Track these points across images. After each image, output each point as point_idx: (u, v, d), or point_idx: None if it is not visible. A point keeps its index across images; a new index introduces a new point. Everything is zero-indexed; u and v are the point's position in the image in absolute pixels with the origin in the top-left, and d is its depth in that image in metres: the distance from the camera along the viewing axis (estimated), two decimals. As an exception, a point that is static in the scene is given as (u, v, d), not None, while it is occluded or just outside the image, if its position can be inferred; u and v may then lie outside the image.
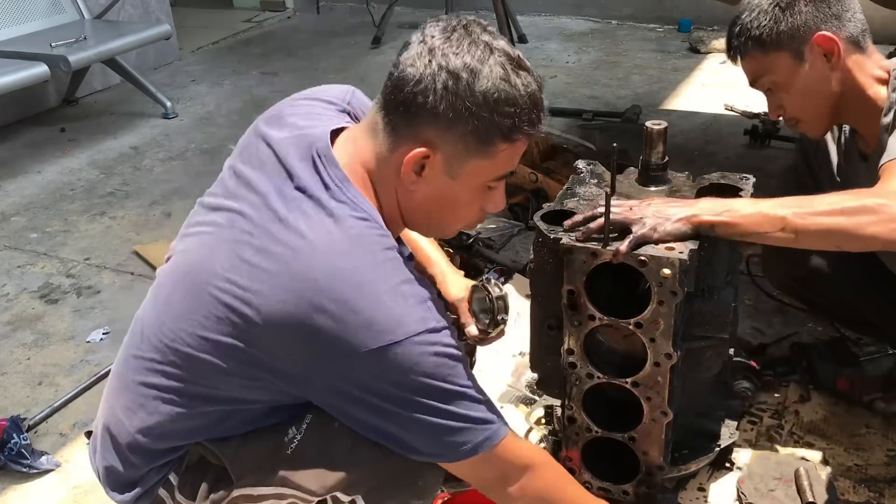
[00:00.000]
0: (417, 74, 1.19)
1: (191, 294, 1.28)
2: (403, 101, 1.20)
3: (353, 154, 1.29)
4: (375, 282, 1.19)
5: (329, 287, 1.18)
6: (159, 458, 1.38)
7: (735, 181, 1.68)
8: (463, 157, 1.23)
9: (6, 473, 2.01)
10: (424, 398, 1.21)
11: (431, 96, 1.18)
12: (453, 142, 1.21)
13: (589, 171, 1.75)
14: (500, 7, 3.06)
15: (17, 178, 3.82)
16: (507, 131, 1.22)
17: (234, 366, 1.25)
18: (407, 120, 1.22)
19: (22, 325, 2.66)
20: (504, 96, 1.19)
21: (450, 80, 1.18)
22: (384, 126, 1.25)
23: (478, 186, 1.29)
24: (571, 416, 1.63)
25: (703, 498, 1.81)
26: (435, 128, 1.21)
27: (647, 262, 1.42)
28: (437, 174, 1.25)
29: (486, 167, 1.26)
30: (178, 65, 5.43)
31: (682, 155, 3.45)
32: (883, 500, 1.79)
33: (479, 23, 1.25)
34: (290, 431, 1.33)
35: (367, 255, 1.21)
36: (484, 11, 6.02)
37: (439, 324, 1.22)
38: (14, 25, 4.25)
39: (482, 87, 1.18)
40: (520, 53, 1.25)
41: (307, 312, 1.18)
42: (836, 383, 2.04)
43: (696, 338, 1.60)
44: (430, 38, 1.21)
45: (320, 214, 1.23)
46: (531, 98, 1.22)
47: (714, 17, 5.45)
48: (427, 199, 1.29)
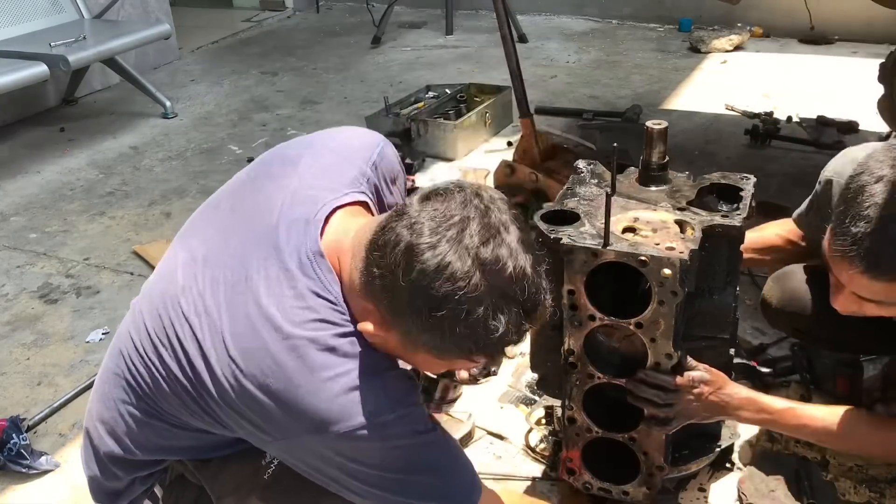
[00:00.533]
0: (386, 267, 1.07)
1: (158, 327, 1.23)
2: (374, 275, 1.09)
3: (336, 248, 1.19)
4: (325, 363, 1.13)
5: (276, 364, 1.12)
6: (139, 469, 1.36)
7: (735, 181, 1.68)
8: (418, 349, 1.14)
9: (6, 473, 2.01)
10: (373, 485, 1.19)
11: (392, 296, 1.07)
12: (407, 337, 1.12)
13: (589, 171, 1.75)
14: (500, 7, 3.05)
15: (17, 177, 3.82)
16: (462, 355, 1.12)
17: (193, 409, 1.22)
18: (372, 290, 1.11)
19: (21, 325, 2.66)
20: (464, 332, 1.06)
21: (409, 295, 1.05)
22: (361, 269, 1.13)
23: (440, 366, 1.26)
24: (571, 417, 1.63)
25: (704, 498, 1.81)
26: (392, 319, 1.10)
27: (647, 262, 1.41)
28: (394, 344, 1.15)
29: (442, 364, 1.23)
30: (177, 64, 5.43)
31: (683, 155, 3.45)
32: (883, 500, 1.78)
33: (489, 216, 1.08)
34: (268, 456, 1.30)
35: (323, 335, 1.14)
36: (484, 11, 6.04)
37: (393, 415, 1.15)
38: (13, 25, 4.25)
39: (442, 316, 1.04)
40: (522, 268, 1.07)
41: (257, 388, 1.13)
42: (837, 383, 2.03)
43: (697, 338, 1.60)
44: (418, 231, 1.06)
45: (282, 284, 1.16)
46: (500, 340, 1.07)
47: (714, 16, 5.45)
48: (385, 349, 1.18)
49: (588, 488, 1.69)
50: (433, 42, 5.68)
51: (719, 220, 1.52)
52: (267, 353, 1.13)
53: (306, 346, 1.12)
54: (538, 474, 1.89)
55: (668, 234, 1.49)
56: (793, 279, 1.94)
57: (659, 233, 1.49)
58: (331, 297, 1.15)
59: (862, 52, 4.88)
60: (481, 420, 2.05)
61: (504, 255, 1.05)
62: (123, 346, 1.31)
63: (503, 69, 3.44)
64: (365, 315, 1.14)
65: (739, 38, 5.17)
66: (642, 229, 1.50)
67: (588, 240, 1.46)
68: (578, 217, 1.54)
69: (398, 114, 3.84)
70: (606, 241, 1.44)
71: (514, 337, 1.08)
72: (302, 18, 6.55)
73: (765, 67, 4.79)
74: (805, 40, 5.17)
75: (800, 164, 3.44)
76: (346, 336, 1.15)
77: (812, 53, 5.01)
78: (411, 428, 1.18)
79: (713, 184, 1.68)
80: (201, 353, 1.17)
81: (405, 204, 1.12)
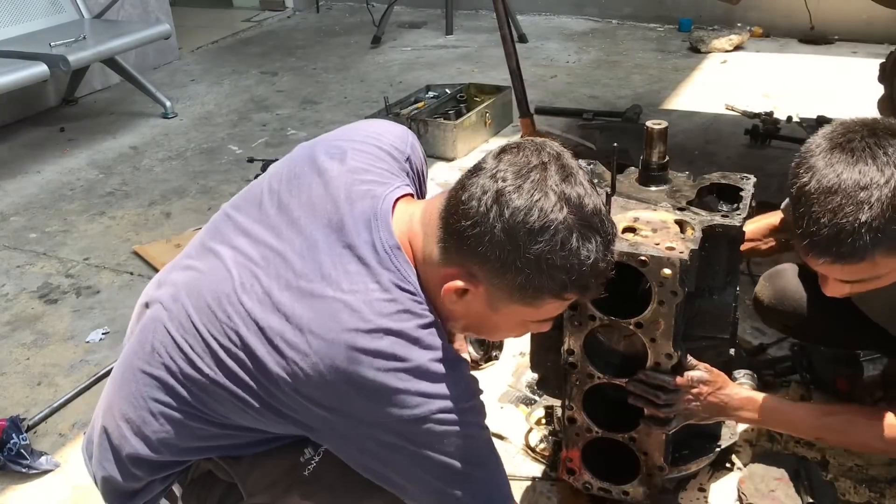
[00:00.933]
0: (477, 216, 1.12)
1: (212, 324, 1.22)
2: (459, 232, 1.14)
3: (407, 234, 1.23)
4: (411, 352, 1.15)
5: (364, 353, 1.13)
6: (162, 469, 1.34)
7: (735, 181, 1.68)
8: (506, 300, 1.17)
9: (6, 473, 2.01)
10: (434, 475, 1.20)
11: (486, 244, 1.12)
12: (498, 286, 1.15)
13: (589, 171, 1.75)
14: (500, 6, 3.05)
15: (17, 177, 3.82)
16: (556, 292, 1.15)
17: (251, 405, 1.21)
18: (459, 249, 1.15)
19: (21, 325, 2.66)
20: (560, 262, 1.11)
21: (505, 236, 1.10)
22: (438, 237, 1.18)
23: (519, 322, 1.26)
24: (571, 417, 1.63)
25: (704, 498, 1.81)
26: (483, 269, 1.15)
27: (647, 262, 1.41)
28: (479, 302, 1.19)
29: (529, 313, 1.21)
30: (177, 64, 5.43)
31: (683, 155, 3.45)
32: (883, 500, 1.78)
33: (562, 162, 1.15)
34: (307, 452, 1.30)
35: (409, 326, 1.16)
36: (484, 11, 6.04)
37: (468, 403, 1.20)
38: (13, 25, 4.25)
39: (538, 249, 1.10)
40: (600, 206, 1.15)
41: (340, 375, 1.14)
42: (837, 383, 2.03)
43: (697, 338, 1.60)
44: (501, 181, 1.12)
45: (364, 278, 1.18)
46: (592, 268, 1.13)
47: (714, 16, 5.45)
48: (466, 316, 1.24)
49: (588, 488, 1.69)
50: (433, 42, 5.68)
51: (719, 220, 1.52)
52: (354, 341, 1.14)
53: (393, 336, 1.15)
54: (538, 474, 1.89)
55: (668, 234, 1.49)
56: (784, 277, 1.95)
57: (659, 233, 1.49)
58: (411, 287, 1.19)
59: (862, 52, 4.88)
60: (481, 420, 2.05)
61: (582, 192, 1.13)
62: (159, 343, 1.27)
63: (503, 69, 3.45)
64: (446, 282, 1.18)
65: (739, 38, 5.18)
66: (642, 229, 1.50)
67: (588, 240, 1.46)
68: (578, 217, 1.54)
69: (398, 114, 3.84)
70: (606, 240, 1.43)
71: (602, 265, 1.14)
72: (302, 18, 6.55)
73: (765, 67, 4.79)
74: (805, 40, 5.17)
75: (800, 164, 3.43)
76: (428, 327, 1.18)
77: (812, 53, 5.01)
78: (482, 419, 1.24)
79: (713, 184, 1.68)
80: (272, 346, 1.17)
81: (480, 161, 1.17)
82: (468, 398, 1.20)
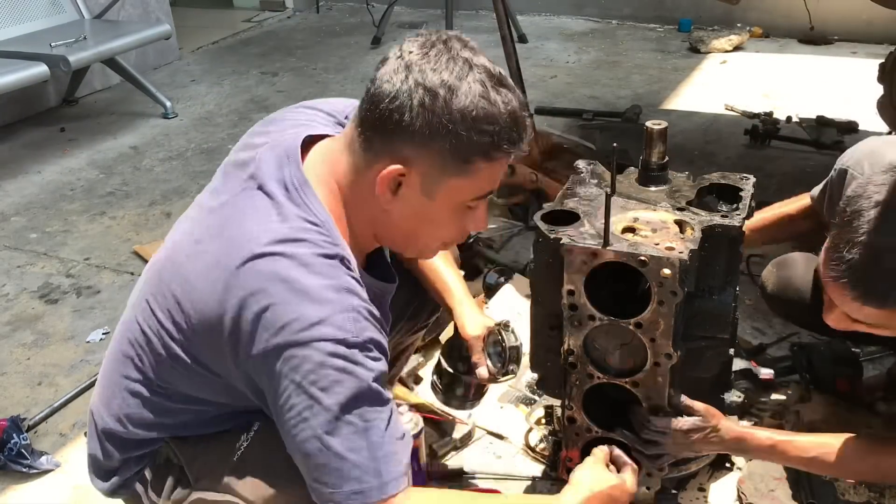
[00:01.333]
0: (393, 91, 1.17)
1: (155, 290, 1.31)
2: (379, 117, 1.18)
3: (327, 164, 1.28)
4: (299, 280, 1.16)
5: (255, 280, 1.17)
6: (131, 448, 1.40)
7: (735, 181, 1.68)
8: (440, 176, 1.21)
9: (6, 473, 2.01)
10: (305, 412, 1.15)
11: (407, 113, 1.16)
12: (430, 160, 1.19)
13: (589, 171, 1.75)
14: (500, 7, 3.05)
15: (17, 178, 3.82)
16: (486, 149, 1.19)
17: (182, 361, 1.27)
18: (383, 136, 1.19)
19: (22, 325, 2.66)
20: (482, 114, 1.17)
21: (426, 97, 1.15)
22: (360, 142, 1.23)
23: (457, 206, 1.27)
24: (571, 416, 1.63)
25: (704, 498, 1.81)
26: (411, 145, 1.18)
27: (647, 262, 1.41)
28: (414, 193, 1.23)
29: (465, 186, 1.23)
30: (177, 65, 5.43)
31: (682, 155, 3.45)
32: (883, 500, 1.78)
33: (461, 38, 1.23)
34: (242, 438, 1.33)
35: (304, 252, 1.18)
36: (484, 11, 6.03)
37: (357, 338, 1.16)
38: (14, 25, 4.25)
39: (460, 104, 1.16)
40: (501, 71, 1.23)
41: (230, 306, 1.17)
42: (837, 383, 2.03)
43: (697, 338, 1.60)
44: (408, 54, 1.19)
45: (270, 212, 1.22)
46: (511, 116, 1.19)
47: (714, 16, 5.45)
48: (403, 218, 1.26)
49: (588, 488, 1.69)
50: (433, 42, 5.67)
51: (719, 220, 1.52)
52: (249, 265, 1.18)
53: (287, 260, 1.17)
54: (538, 474, 1.90)
55: (667, 234, 1.49)
56: (791, 267, 1.95)
57: (659, 233, 1.49)
58: (317, 220, 1.22)
59: (862, 52, 4.89)
60: (481, 420, 2.05)
61: (485, 60, 1.23)
62: (128, 328, 1.37)
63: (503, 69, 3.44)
64: (381, 178, 1.21)
65: (739, 39, 5.18)
66: (642, 229, 1.51)
67: (588, 240, 1.46)
68: (578, 217, 1.54)
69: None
70: (606, 241, 1.44)
71: (522, 114, 1.21)
72: (302, 19, 6.55)
73: (764, 67, 4.79)
74: (805, 40, 5.17)
75: (799, 164, 3.44)
76: (328, 258, 1.19)
77: (812, 53, 5.01)
78: (372, 363, 1.17)
79: (713, 184, 1.68)
80: (188, 289, 1.23)
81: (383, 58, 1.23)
82: (357, 334, 1.16)
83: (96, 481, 1.48)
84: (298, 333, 1.14)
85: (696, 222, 1.52)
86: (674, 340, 1.48)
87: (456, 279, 1.71)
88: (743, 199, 1.61)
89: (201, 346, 1.25)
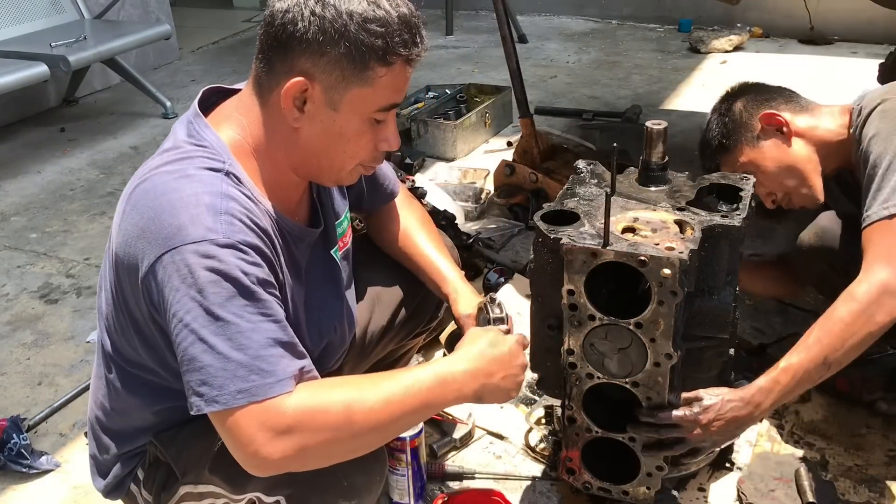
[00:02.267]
0: (285, 6, 1.22)
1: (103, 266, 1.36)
2: (275, 35, 1.23)
3: (233, 108, 1.33)
4: (177, 190, 1.20)
5: (141, 202, 1.21)
6: (118, 440, 1.43)
7: (735, 181, 1.68)
8: (341, 85, 1.24)
9: (6, 473, 2.01)
10: (186, 317, 1.14)
11: (300, 23, 1.20)
12: (329, 69, 1.23)
13: (589, 171, 1.75)
14: (499, 7, 3.05)
15: (17, 178, 3.82)
16: (381, 53, 1.23)
17: (121, 318, 1.31)
18: (281, 53, 1.24)
19: (22, 325, 2.66)
20: (372, 16, 1.21)
21: (317, 6, 1.20)
22: (262, 68, 1.28)
23: (363, 118, 1.29)
24: (571, 416, 1.63)
25: (703, 498, 1.81)
26: (308, 55, 1.22)
27: (647, 262, 1.41)
28: (319, 107, 1.26)
29: (367, 95, 1.26)
30: (177, 64, 5.44)
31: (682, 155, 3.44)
32: (883, 500, 1.79)
33: None
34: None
35: (183, 168, 1.23)
36: (484, 11, 6.04)
37: (228, 239, 1.16)
38: (14, 25, 4.25)
39: (349, 7, 1.20)
40: None
41: (126, 228, 1.23)
42: (837, 383, 2.03)
43: (697, 338, 1.60)
44: None
45: (168, 146, 1.30)
46: (401, 19, 1.24)
47: (714, 17, 5.46)
48: (312, 136, 1.29)
49: (588, 488, 1.70)
50: (433, 42, 5.64)
51: (719, 220, 1.52)
52: (139, 188, 1.25)
53: (167, 175, 1.23)
54: (538, 474, 1.90)
55: (667, 234, 1.49)
56: (826, 219, 2.07)
57: (659, 233, 1.49)
58: (205, 143, 1.27)
59: (862, 52, 4.89)
60: (481, 420, 2.05)
61: None
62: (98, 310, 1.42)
63: (503, 69, 3.44)
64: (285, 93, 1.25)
65: (739, 39, 5.18)
66: (642, 229, 1.51)
67: (588, 240, 1.46)
68: (578, 217, 1.54)
69: (398, 114, 3.84)
70: (606, 241, 1.44)
71: (412, 16, 1.26)
72: (302, 18, 6.55)
73: (764, 68, 4.79)
74: (805, 40, 5.17)
75: (800, 165, 3.44)
76: (212, 171, 1.23)
77: (812, 54, 5.01)
78: (242, 267, 1.17)
79: (713, 184, 1.68)
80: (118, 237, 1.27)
81: None
82: (228, 235, 1.17)
83: (97, 480, 1.50)
84: (171, 239, 1.16)
85: (696, 222, 1.52)
86: (674, 340, 1.48)
87: (449, 266, 1.72)
88: (743, 199, 1.61)
89: (126, 289, 1.27)
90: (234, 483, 1.32)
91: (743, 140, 1.95)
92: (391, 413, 1.24)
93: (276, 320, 1.19)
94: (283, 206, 1.35)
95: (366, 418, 1.21)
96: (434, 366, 1.35)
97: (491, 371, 1.39)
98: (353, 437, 1.21)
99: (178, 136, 1.31)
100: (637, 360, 1.51)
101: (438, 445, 1.96)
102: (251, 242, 1.20)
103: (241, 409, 1.13)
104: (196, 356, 1.14)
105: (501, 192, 3.18)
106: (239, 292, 1.15)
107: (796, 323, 2.37)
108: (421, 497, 1.80)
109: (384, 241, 1.77)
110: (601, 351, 1.54)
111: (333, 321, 1.52)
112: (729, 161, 1.98)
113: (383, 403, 1.22)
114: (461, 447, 1.99)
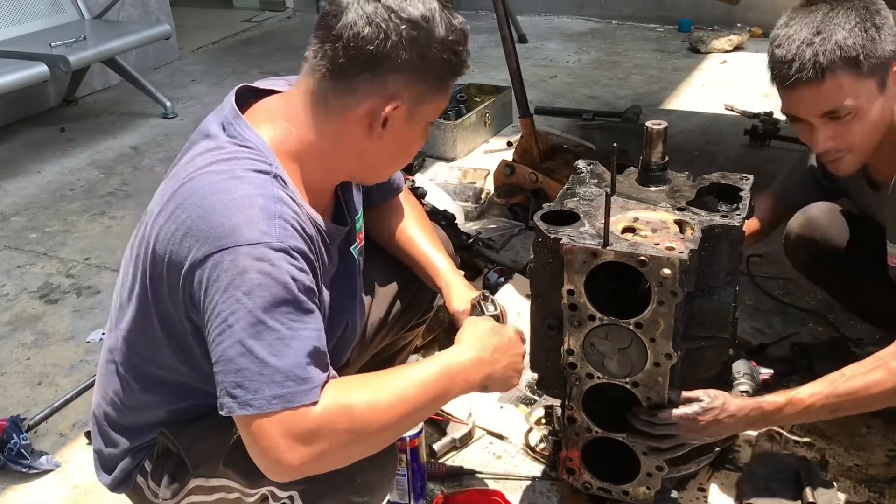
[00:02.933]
0: (377, 28, 1.21)
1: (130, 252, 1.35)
2: (368, 59, 1.22)
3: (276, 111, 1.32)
4: (228, 191, 1.19)
5: (189, 200, 1.21)
6: (128, 436, 1.42)
7: (735, 181, 1.68)
8: (423, 102, 1.29)
9: (6, 473, 2.01)
10: (230, 318, 1.14)
11: (397, 47, 1.22)
12: (419, 88, 1.27)
13: (589, 171, 1.75)
14: (500, 7, 3.05)
15: (17, 178, 3.82)
16: (458, 68, 1.31)
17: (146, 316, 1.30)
18: (367, 72, 1.23)
19: (22, 325, 2.66)
20: (454, 38, 1.27)
21: (412, 31, 1.22)
22: (333, 83, 1.26)
23: (426, 125, 1.35)
24: (571, 416, 1.63)
25: (703, 498, 1.81)
26: (401, 78, 1.24)
27: (647, 262, 1.41)
28: (400, 122, 1.29)
29: (440, 106, 1.34)
30: (177, 64, 5.44)
31: (682, 155, 3.45)
32: (883, 500, 1.79)
33: None
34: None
35: (233, 170, 1.22)
36: (484, 11, 6.04)
37: (282, 244, 1.17)
38: (14, 25, 4.25)
39: (440, 32, 1.25)
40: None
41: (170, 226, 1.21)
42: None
43: (697, 338, 1.60)
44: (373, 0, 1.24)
45: (209, 146, 1.28)
46: (465, 33, 1.31)
47: (714, 16, 5.46)
48: (384, 147, 1.32)
49: (588, 488, 1.70)
50: (433, 42, 5.67)
51: (719, 220, 1.52)
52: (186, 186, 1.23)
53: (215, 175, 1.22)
54: (538, 474, 1.90)
55: (667, 234, 1.49)
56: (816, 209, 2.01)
57: (658, 233, 1.49)
58: (250, 145, 1.26)
59: (862, 53, 4.88)
60: (481, 420, 2.05)
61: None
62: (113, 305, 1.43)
63: (503, 69, 3.45)
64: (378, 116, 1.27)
65: (739, 39, 5.18)
66: (642, 229, 1.51)
67: (588, 240, 1.46)
68: (578, 217, 1.54)
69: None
70: (606, 241, 1.44)
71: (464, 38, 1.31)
72: (302, 19, 6.55)
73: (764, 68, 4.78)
74: (805, 40, 5.17)
75: (800, 165, 3.44)
76: (260, 173, 1.22)
77: (812, 53, 5.01)
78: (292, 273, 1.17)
79: (713, 184, 1.68)
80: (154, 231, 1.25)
81: (326, 11, 1.27)
82: (281, 240, 1.17)
83: (102, 475, 1.49)
84: (224, 238, 1.15)
85: (696, 222, 1.52)
86: (674, 340, 1.48)
87: (443, 259, 1.73)
88: (743, 199, 1.62)
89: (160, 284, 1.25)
90: (249, 477, 1.31)
91: (876, 76, 1.52)
92: (406, 410, 1.25)
93: (316, 328, 1.20)
94: (318, 207, 1.35)
95: (382, 419, 1.22)
96: (439, 358, 1.37)
97: (494, 358, 1.42)
98: (369, 438, 1.23)
99: (218, 136, 1.29)
100: (637, 360, 1.51)
101: (438, 445, 1.96)
102: (301, 248, 1.21)
103: (272, 415, 1.14)
104: (233, 358, 1.14)
105: (501, 192, 3.18)
106: (285, 298, 1.16)
107: (796, 323, 2.38)
108: (421, 497, 1.80)
109: (381, 234, 1.77)
110: (601, 351, 1.54)
111: (347, 316, 1.52)
112: (846, 83, 1.52)
113: (398, 401, 1.24)
114: (461, 447, 1.99)
